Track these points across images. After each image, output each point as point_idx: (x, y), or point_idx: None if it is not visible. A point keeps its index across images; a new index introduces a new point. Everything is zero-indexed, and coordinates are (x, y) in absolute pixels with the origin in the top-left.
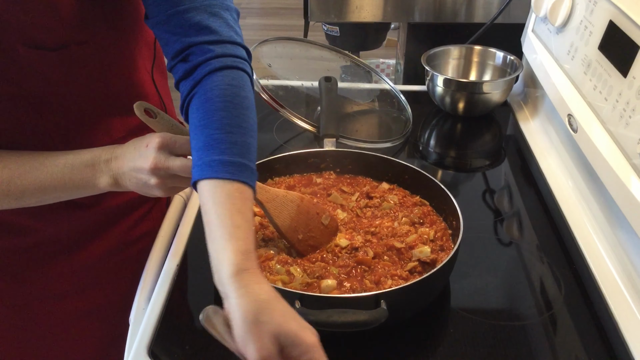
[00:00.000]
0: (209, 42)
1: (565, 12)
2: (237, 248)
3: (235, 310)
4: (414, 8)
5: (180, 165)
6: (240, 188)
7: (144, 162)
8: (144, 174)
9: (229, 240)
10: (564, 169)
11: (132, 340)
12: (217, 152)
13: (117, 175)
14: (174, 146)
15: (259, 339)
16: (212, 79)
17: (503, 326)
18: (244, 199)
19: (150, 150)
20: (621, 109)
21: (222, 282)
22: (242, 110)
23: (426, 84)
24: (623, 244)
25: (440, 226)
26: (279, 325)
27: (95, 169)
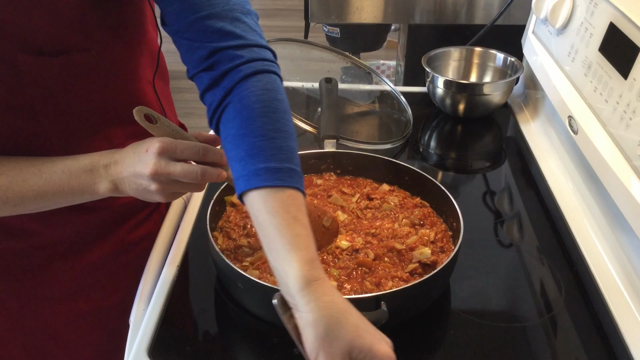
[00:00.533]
0: (235, 47)
1: (565, 13)
2: (301, 258)
3: (307, 325)
4: (414, 9)
5: (182, 171)
6: (292, 194)
7: (144, 168)
8: (144, 180)
9: (292, 251)
10: (564, 170)
11: (132, 342)
12: (262, 160)
13: (117, 180)
14: (175, 151)
15: (330, 355)
16: (245, 85)
17: (503, 328)
18: (298, 205)
19: (150, 156)
20: (622, 110)
21: (291, 295)
22: (281, 114)
23: (426, 86)
24: (623, 245)
25: (440, 228)
26: (351, 340)
27: (94, 174)
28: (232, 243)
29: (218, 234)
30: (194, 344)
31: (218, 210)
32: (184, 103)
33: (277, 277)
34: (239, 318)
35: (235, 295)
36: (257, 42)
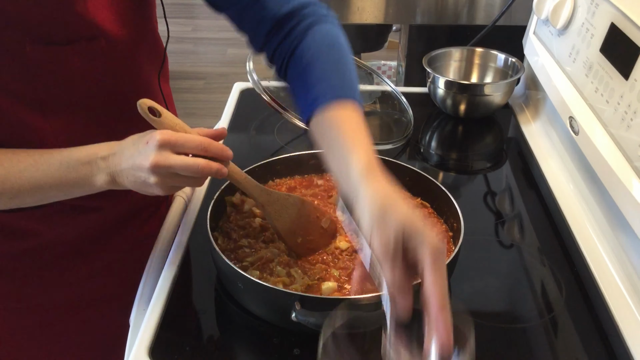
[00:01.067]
0: (298, 8)
1: (566, 14)
2: (365, 150)
3: (364, 206)
4: (415, 10)
5: (182, 164)
6: (354, 106)
7: (143, 160)
8: (143, 172)
9: (355, 146)
10: (565, 171)
11: (132, 342)
12: (327, 84)
13: (115, 173)
14: (176, 144)
15: (384, 233)
16: (312, 31)
17: (504, 329)
18: (360, 117)
19: (150, 148)
20: (623, 111)
21: (352, 182)
22: (345, 52)
23: (427, 86)
24: (624, 246)
25: (440, 228)
26: (404, 221)
27: (91, 166)
28: (232, 243)
29: (218, 234)
30: (194, 344)
31: (218, 211)
32: (183, 103)
33: (338, 175)
34: (239, 318)
35: (236, 296)
36: (316, 2)
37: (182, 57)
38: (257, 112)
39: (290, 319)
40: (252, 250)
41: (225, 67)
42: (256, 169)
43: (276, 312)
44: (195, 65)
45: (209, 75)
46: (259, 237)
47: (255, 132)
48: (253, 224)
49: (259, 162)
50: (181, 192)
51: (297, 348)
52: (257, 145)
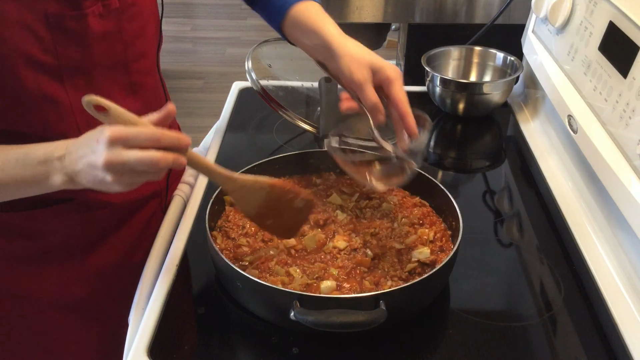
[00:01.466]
0: None
1: (565, 13)
2: (333, 24)
3: (344, 56)
4: (414, 9)
5: (136, 159)
6: (315, 3)
7: (96, 159)
8: (98, 171)
9: (326, 24)
10: (564, 169)
11: (131, 342)
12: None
13: (72, 173)
14: (128, 138)
15: (361, 69)
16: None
17: (502, 327)
18: (322, 9)
19: (101, 146)
20: (621, 109)
21: (328, 46)
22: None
23: (426, 85)
24: (623, 245)
25: (439, 227)
26: (372, 61)
27: (47, 166)
28: (231, 242)
29: (217, 234)
30: (193, 343)
31: (217, 210)
32: (183, 103)
33: (314, 48)
34: (238, 317)
35: (235, 295)
36: None
37: (181, 57)
38: (256, 112)
39: (289, 318)
40: (251, 249)
41: (224, 67)
42: (255, 168)
43: (275, 311)
44: (194, 65)
45: (207, 75)
46: (257, 236)
47: (254, 131)
48: (252, 223)
49: (257, 161)
50: (180, 192)
51: (296, 347)
52: (256, 145)
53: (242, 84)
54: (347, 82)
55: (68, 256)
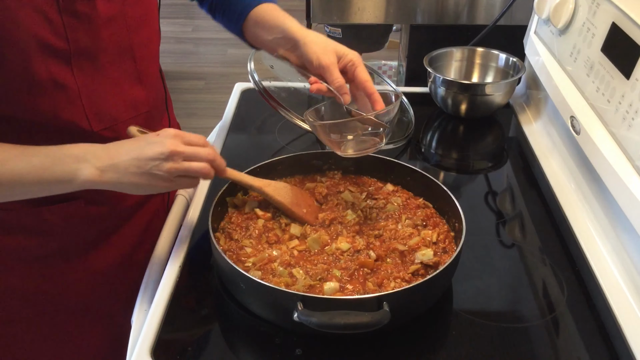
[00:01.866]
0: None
1: (567, 14)
2: (293, 20)
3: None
4: (416, 10)
5: (193, 151)
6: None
7: (158, 147)
8: (156, 161)
9: (287, 18)
10: (566, 171)
11: (134, 342)
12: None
13: (106, 167)
14: (184, 136)
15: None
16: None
17: (505, 328)
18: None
19: (164, 137)
20: (624, 111)
21: (292, 38)
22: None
23: (428, 86)
24: (626, 246)
25: (443, 229)
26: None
27: (79, 161)
28: (234, 244)
29: (220, 235)
30: (196, 344)
31: (220, 211)
32: (184, 104)
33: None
34: (240, 318)
35: (238, 296)
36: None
37: (182, 58)
38: (258, 113)
39: (292, 319)
40: (254, 250)
41: (225, 68)
42: (257, 169)
43: (278, 313)
44: (196, 66)
45: (209, 76)
46: (262, 238)
47: (256, 132)
48: (256, 225)
49: (260, 162)
50: (183, 191)
51: (299, 348)
52: (258, 146)
53: (244, 85)
54: (314, 66)
55: (73, 255)
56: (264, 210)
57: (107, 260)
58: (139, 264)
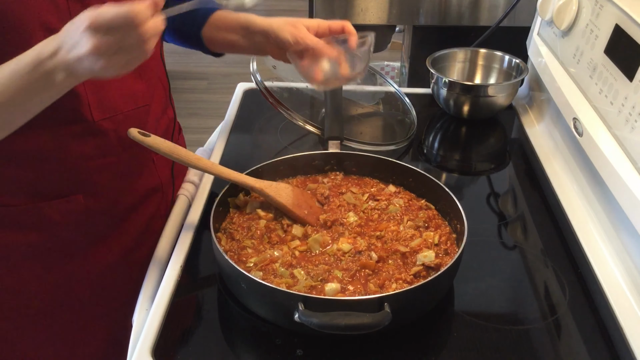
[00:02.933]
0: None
1: (571, 15)
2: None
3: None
4: (419, 11)
5: (115, 14)
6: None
7: (83, 49)
8: (89, 60)
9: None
10: (569, 173)
11: (135, 342)
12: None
13: (68, 67)
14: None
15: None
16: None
17: (507, 330)
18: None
19: (84, 34)
20: (627, 113)
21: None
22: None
23: (431, 87)
24: (628, 248)
25: (445, 230)
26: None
27: (43, 66)
28: (235, 244)
29: (221, 235)
30: (197, 344)
31: (222, 212)
32: (186, 103)
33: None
34: (242, 319)
35: (239, 296)
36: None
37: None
38: (261, 113)
39: (293, 319)
40: (256, 251)
41: (228, 68)
42: (259, 170)
43: (279, 313)
44: (198, 66)
45: (211, 76)
46: (264, 239)
47: (258, 132)
48: (258, 225)
49: (262, 162)
50: (184, 191)
51: (300, 349)
52: (260, 146)
53: (247, 85)
54: (292, 45)
55: (73, 253)
56: (265, 210)
57: (107, 259)
58: (140, 263)
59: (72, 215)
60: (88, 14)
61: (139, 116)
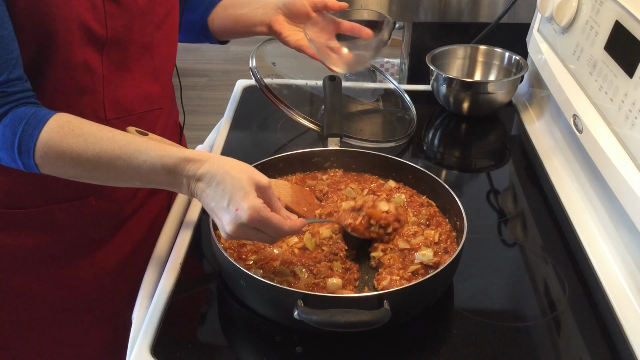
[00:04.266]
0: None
1: (571, 12)
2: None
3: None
4: (419, 7)
5: (273, 226)
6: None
7: (224, 224)
8: (221, 229)
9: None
10: (568, 169)
11: (135, 339)
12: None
13: (197, 196)
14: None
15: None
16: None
17: (507, 327)
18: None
19: (236, 219)
20: (627, 109)
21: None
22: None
23: (431, 84)
24: (628, 245)
25: (445, 228)
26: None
27: (175, 179)
28: (234, 242)
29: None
30: (197, 342)
31: None
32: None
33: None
34: (241, 316)
35: (238, 294)
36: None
37: (185, 54)
38: (260, 110)
39: (292, 317)
40: (255, 248)
41: (228, 65)
42: (259, 167)
43: (279, 310)
44: (198, 63)
45: (211, 73)
46: None
47: (258, 129)
48: None
49: (261, 159)
50: None
51: (300, 346)
52: (259, 143)
53: (246, 82)
54: (308, 7)
55: (79, 254)
56: None
57: (112, 258)
58: (142, 261)
59: (82, 217)
60: (253, 211)
61: (150, 118)
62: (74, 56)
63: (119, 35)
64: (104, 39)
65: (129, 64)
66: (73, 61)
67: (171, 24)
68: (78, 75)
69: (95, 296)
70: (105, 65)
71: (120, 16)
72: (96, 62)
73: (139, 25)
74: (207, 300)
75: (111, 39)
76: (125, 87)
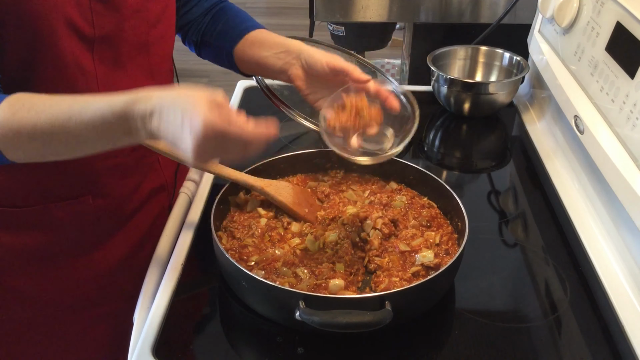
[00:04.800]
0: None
1: (572, 13)
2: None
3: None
4: (419, 8)
5: (232, 133)
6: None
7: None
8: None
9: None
10: (570, 170)
11: (136, 340)
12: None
13: (156, 136)
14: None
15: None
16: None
17: (508, 328)
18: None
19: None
20: (628, 110)
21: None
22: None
23: (432, 85)
24: (629, 246)
25: (446, 230)
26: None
27: (129, 123)
28: (236, 242)
29: (222, 234)
30: (198, 343)
31: (222, 210)
32: None
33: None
34: (243, 317)
35: (240, 295)
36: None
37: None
38: (261, 111)
39: (294, 318)
40: (257, 249)
41: None
42: (260, 167)
43: (280, 311)
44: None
45: (212, 73)
46: (265, 237)
47: None
48: (258, 224)
49: (262, 160)
50: (185, 189)
51: (301, 347)
52: None
53: (247, 83)
54: (319, 66)
55: (79, 254)
56: (266, 209)
57: (112, 259)
58: (144, 262)
59: (80, 216)
60: (206, 125)
61: None
62: (63, 55)
63: (109, 34)
64: (92, 37)
65: (124, 63)
66: (63, 60)
67: (167, 22)
68: (70, 74)
69: (96, 295)
70: (97, 64)
71: (108, 14)
72: (87, 61)
73: (131, 24)
74: (208, 302)
75: (100, 37)
76: (121, 86)
